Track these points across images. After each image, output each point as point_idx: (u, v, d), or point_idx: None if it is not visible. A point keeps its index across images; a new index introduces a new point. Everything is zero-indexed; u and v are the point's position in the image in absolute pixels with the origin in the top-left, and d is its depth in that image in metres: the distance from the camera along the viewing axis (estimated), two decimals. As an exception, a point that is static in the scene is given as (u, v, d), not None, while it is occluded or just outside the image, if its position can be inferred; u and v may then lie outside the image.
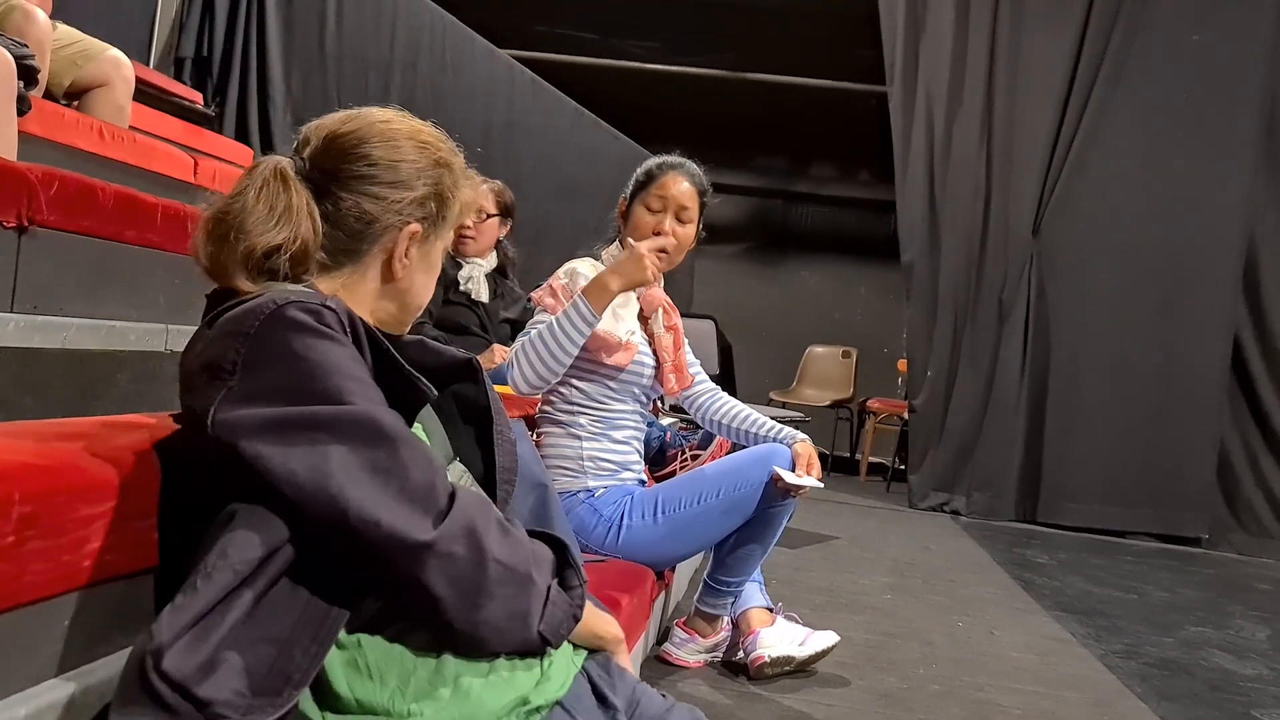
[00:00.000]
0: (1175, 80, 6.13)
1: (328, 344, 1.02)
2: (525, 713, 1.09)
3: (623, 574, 2.26)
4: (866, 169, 9.49)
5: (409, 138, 1.20)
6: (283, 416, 0.97)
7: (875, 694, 2.61)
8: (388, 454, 0.98)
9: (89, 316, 2.00)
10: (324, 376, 0.99)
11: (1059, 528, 6.12)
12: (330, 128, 1.19)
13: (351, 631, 1.03)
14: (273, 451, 0.96)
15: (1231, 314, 6.12)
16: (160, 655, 0.91)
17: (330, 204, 1.16)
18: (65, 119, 2.92)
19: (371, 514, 0.95)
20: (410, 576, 0.97)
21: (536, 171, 6.62)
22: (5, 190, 1.82)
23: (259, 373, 0.99)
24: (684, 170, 2.54)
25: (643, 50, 8.88)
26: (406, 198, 1.18)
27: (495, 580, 1.00)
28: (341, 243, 1.17)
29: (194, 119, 4.59)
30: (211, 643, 0.93)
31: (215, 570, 0.95)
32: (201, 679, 0.91)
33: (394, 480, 0.97)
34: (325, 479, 0.95)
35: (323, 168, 1.17)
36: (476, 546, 0.99)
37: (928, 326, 6.48)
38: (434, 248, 1.25)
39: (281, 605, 0.97)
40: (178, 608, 0.94)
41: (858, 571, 4.17)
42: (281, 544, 0.98)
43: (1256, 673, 3.21)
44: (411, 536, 0.96)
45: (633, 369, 2.48)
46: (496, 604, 1.01)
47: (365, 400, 1.01)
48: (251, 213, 1.11)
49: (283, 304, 1.02)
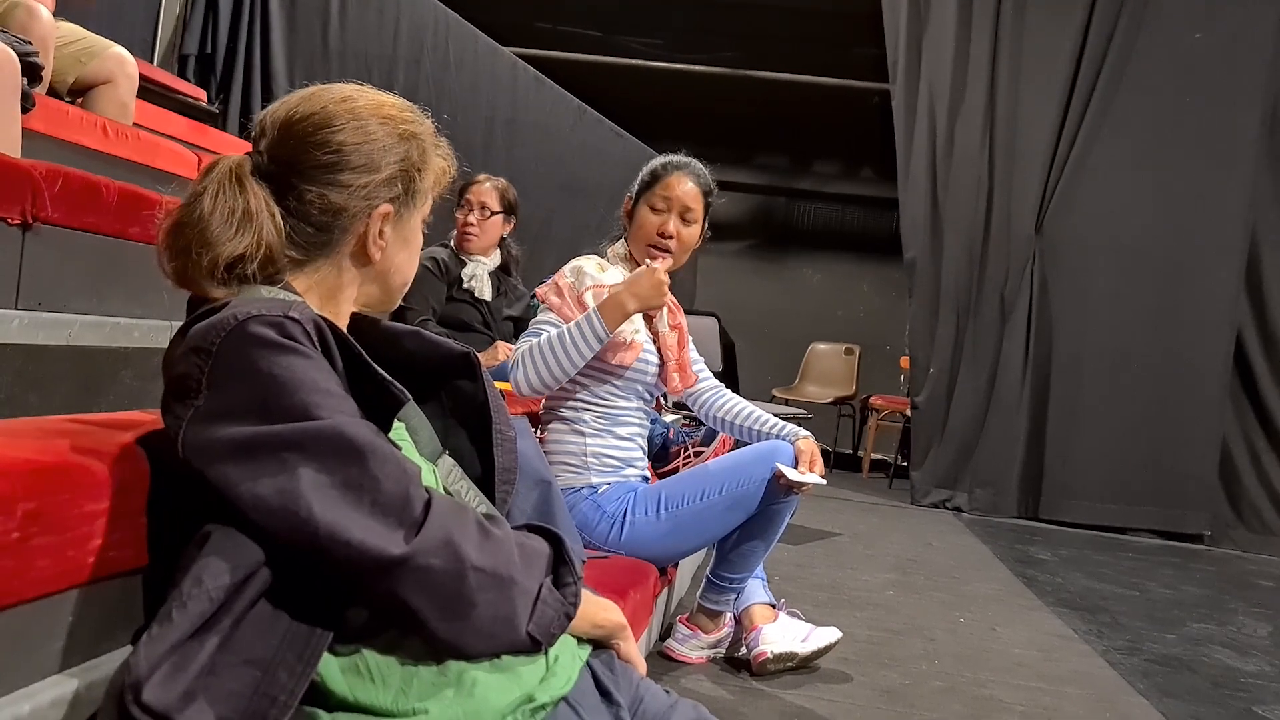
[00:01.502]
0: (1178, 78, 6.12)
1: (292, 358, 0.99)
2: (530, 710, 1.08)
3: (626, 570, 2.26)
4: (869, 166, 9.49)
5: (372, 114, 1.15)
6: (249, 437, 0.95)
7: (877, 690, 2.61)
8: (359, 469, 0.95)
9: (93, 314, 2.00)
10: (290, 393, 0.96)
11: (1061, 524, 6.12)
12: (284, 115, 1.13)
13: (345, 642, 1.01)
14: (240, 475, 0.94)
15: (1233, 311, 6.11)
16: (139, 688, 0.89)
17: (293, 198, 1.12)
18: (69, 116, 2.91)
19: (343, 534, 0.93)
20: (387, 592, 0.95)
21: (539, 169, 6.63)
22: (9, 187, 1.82)
23: (224, 391, 0.97)
24: (689, 170, 2.54)
25: (645, 48, 8.89)
26: (373, 181, 1.13)
27: (476, 588, 0.98)
28: (310, 236, 1.13)
29: (198, 116, 4.59)
30: (191, 671, 0.91)
31: (190, 599, 0.93)
32: (183, 708, 0.89)
33: (365, 495, 0.95)
34: (294, 501, 0.93)
35: (281, 159, 1.12)
36: (454, 556, 0.96)
37: (930, 323, 6.48)
38: (409, 223, 1.20)
39: (263, 627, 0.95)
40: (154, 638, 0.91)
41: (860, 568, 4.17)
42: (258, 566, 0.96)
43: (1258, 669, 3.21)
44: (386, 553, 0.93)
45: (637, 367, 2.48)
46: (480, 611, 0.99)
47: (333, 413, 0.98)
48: (209, 221, 1.07)
49: (244, 319, 0.99)
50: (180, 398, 0.99)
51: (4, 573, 0.91)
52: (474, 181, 3.87)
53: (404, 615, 0.97)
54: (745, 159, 9.62)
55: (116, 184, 2.10)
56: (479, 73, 6.35)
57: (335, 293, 1.17)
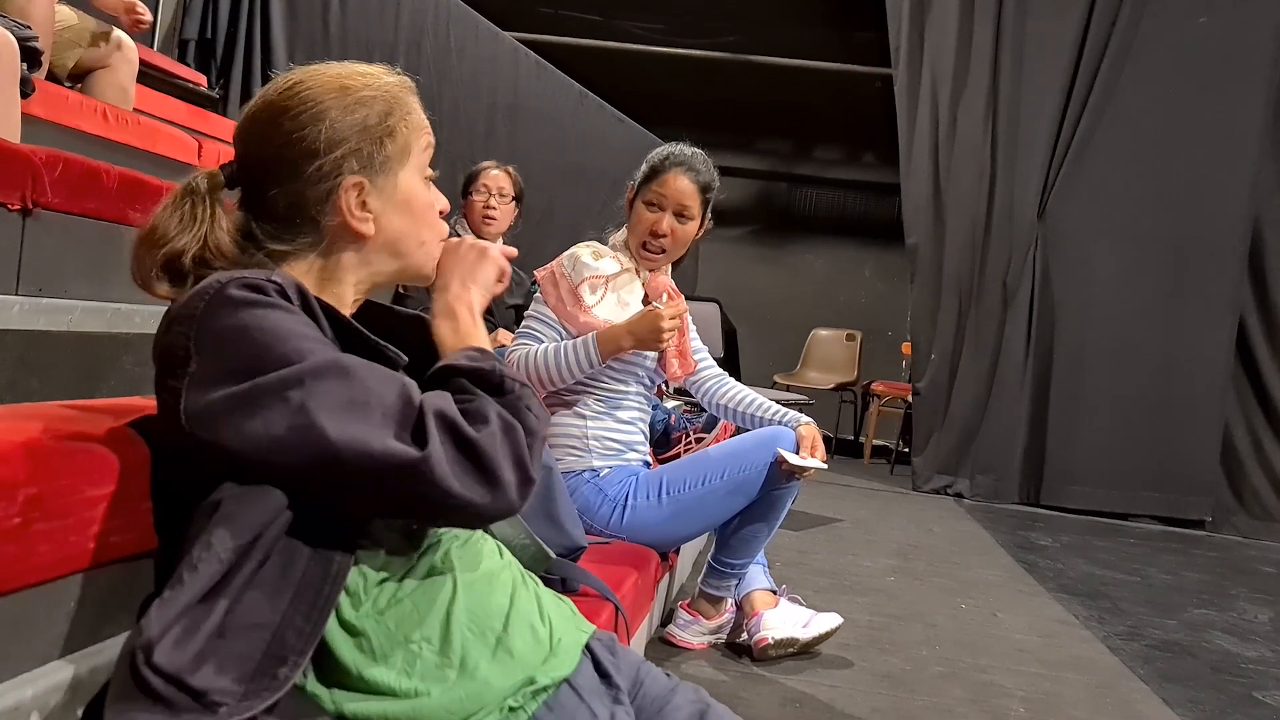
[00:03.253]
0: (1182, 63, 6.10)
1: (276, 313, 1.00)
2: (532, 692, 1.09)
3: (627, 555, 2.26)
4: (871, 152, 9.46)
5: (325, 92, 1.13)
6: (250, 389, 0.96)
7: (878, 675, 2.62)
8: (359, 387, 0.97)
9: (94, 299, 2.00)
10: (279, 343, 0.98)
11: (1062, 510, 6.13)
12: (243, 120, 1.15)
13: (352, 609, 1.03)
14: (251, 426, 0.95)
15: (1236, 297, 6.11)
16: (151, 649, 0.90)
17: (268, 204, 1.12)
18: (69, 101, 2.91)
19: (364, 447, 0.94)
20: (420, 493, 0.96)
21: (540, 155, 6.61)
22: (9, 173, 1.82)
23: (214, 354, 0.98)
24: (687, 167, 2.51)
25: (646, 33, 8.85)
26: (327, 160, 1.11)
27: (487, 452, 0.98)
28: (288, 229, 1.13)
29: (198, 101, 4.58)
30: (202, 635, 0.92)
31: (200, 562, 0.94)
32: (195, 669, 0.91)
33: (373, 409, 0.96)
34: (310, 431, 0.94)
35: (245, 163, 1.14)
36: (460, 436, 0.98)
37: (932, 309, 6.47)
38: (394, 183, 1.16)
39: (271, 588, 0.96)
40: (165, 601, 0.93)
41: (861, 554, 4.18)
42: (266, 526, 0.97)
43: (1259, 655, 3.22)
44: (409, 455, 0.94)
45: (637, 353, 2.49)
46: (501, 464, 0.99)
47: (322, 352, 0.99)
48: (161, 225, 1.10)
49: (225, 284, 1.01)
50: (171, 370, 1.00)
51: (5, 558, 0.91)
52: (483, 168, 3.85)
53: (445, 511, 0.98)
54: (747, 144, 9.59)
55: (116, 169, 2.09)
56: (480, 58, 6.32)
57: (333, 275, 1.16)
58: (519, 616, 1.12)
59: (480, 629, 1.09)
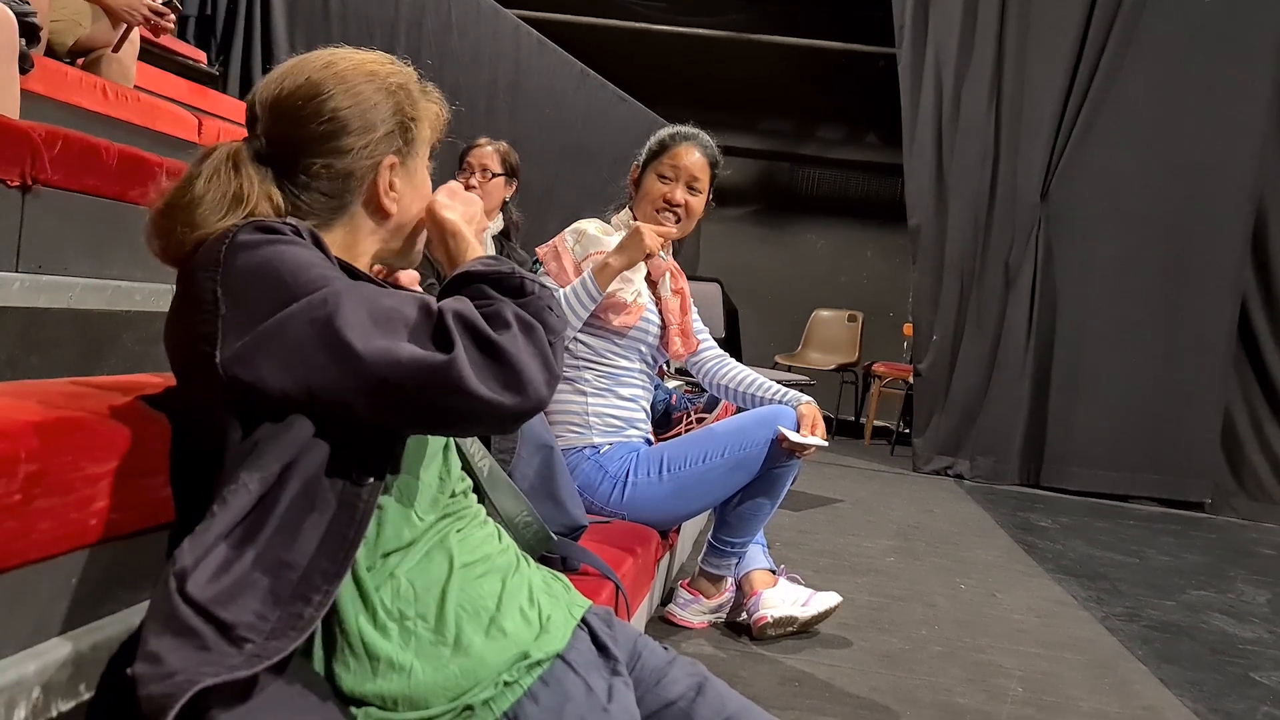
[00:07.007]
0: (1186, 43, 6.05)
1: (294, 248, 1.04)
2: (526, 667, 1.10)
3: (627, 534, 2.27)
4: (874, 132, 9.42)
5: (357, 74, 1.17)
6: (282, 320, 0.99)
7: (877, 655, 2.63)
8: (379, 305, 1.01)
9: (94, 276, 2.00)
10: (301, 272, 1.02)
11: (1062, 492, 6.13)
12: (272, 95, 1.15)
13: (366, 570, 1.06)
14: (287, 353, 0.99)
15: (1239, 279, 6.08)
16: (184, 578, 0.93)
17: (301, 173, 1.14)
18: (69, 78, 2.90)
19: (393, 356, 0.97)
20: (449, 398, 0.98)
21: (542, 133, 6.58)
22: (9, 149, 1.81)
23: (243, 295, 1.01)
24: (697, 141, 2.58)
25: (649, 11, 8.80)
26: (372, 139, 1.16)
27: (509, 352, 1.01)
28: (324, 203, 1.16)
29: (198, 78, 4.55)
30: (234, 573, 0.95)
31: (230, 494, 0.97)
32: (226, 602, 0.94)
33: (398, 321, 1.00)
34: (343, 349, 0.97)
35: (278, 140, 1.15)
36: (482, 338, 1.01)
37: (934, 290, 6.46)
38: (415, 169, 1.23)
39: (299, 529, 0.99)
40: (197, 534, 0.96)
41: (861, 534, 4.19)
42: (295, 458, 1.00)
43: (1256, 636, 3.23)
44: (436, 359, 0.98)
45: (639, 329, 2.50)
46: (526, 362, 1.01)
47: (342, 279, 1.04)
48: (200, 203, 1.09)
49: (242, 227, 1.05)
50: (199, 321, 1.02)
51: (6, 534, 0.92)
52: (475, 145, 3.85)
53: (479, 416, 1.01)
54: (749, 124, 9.54)
55: (116, 146, 2.09)
56: (481, 35, 6.29)
57: (353, 246, 1.20)
58: (510, 600, 1.14)
59: (474, 609, 1.11)
